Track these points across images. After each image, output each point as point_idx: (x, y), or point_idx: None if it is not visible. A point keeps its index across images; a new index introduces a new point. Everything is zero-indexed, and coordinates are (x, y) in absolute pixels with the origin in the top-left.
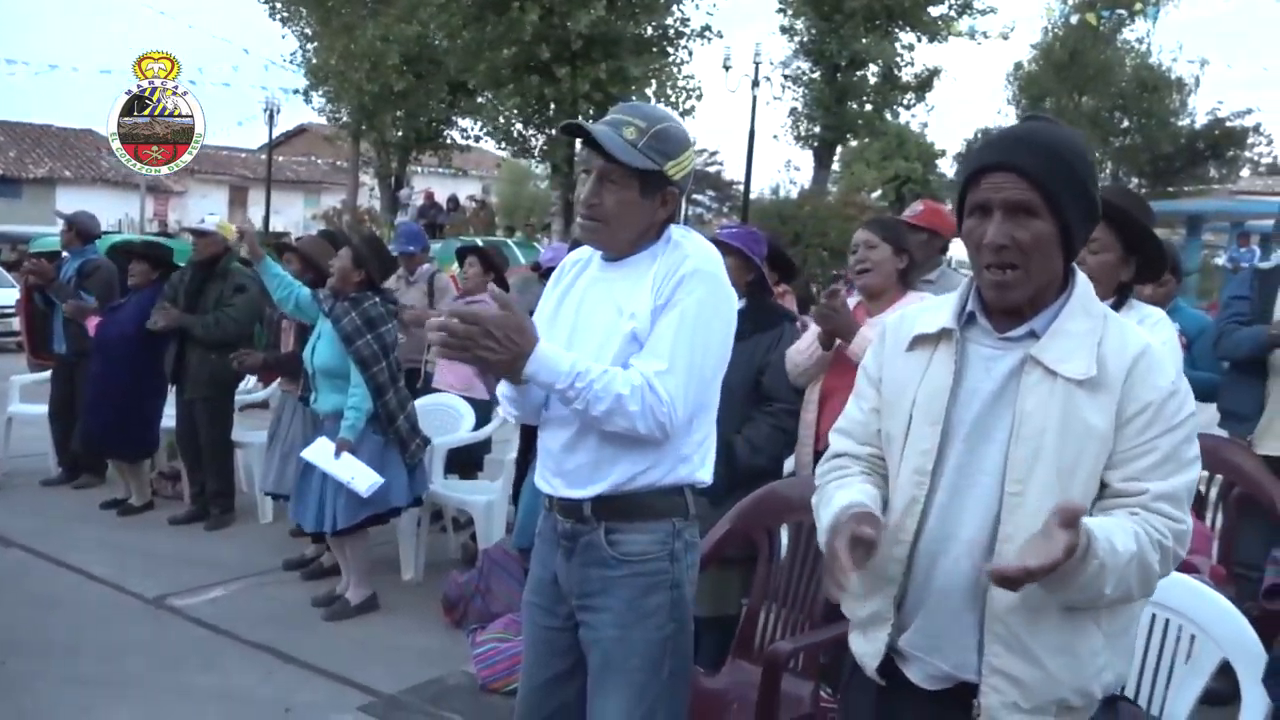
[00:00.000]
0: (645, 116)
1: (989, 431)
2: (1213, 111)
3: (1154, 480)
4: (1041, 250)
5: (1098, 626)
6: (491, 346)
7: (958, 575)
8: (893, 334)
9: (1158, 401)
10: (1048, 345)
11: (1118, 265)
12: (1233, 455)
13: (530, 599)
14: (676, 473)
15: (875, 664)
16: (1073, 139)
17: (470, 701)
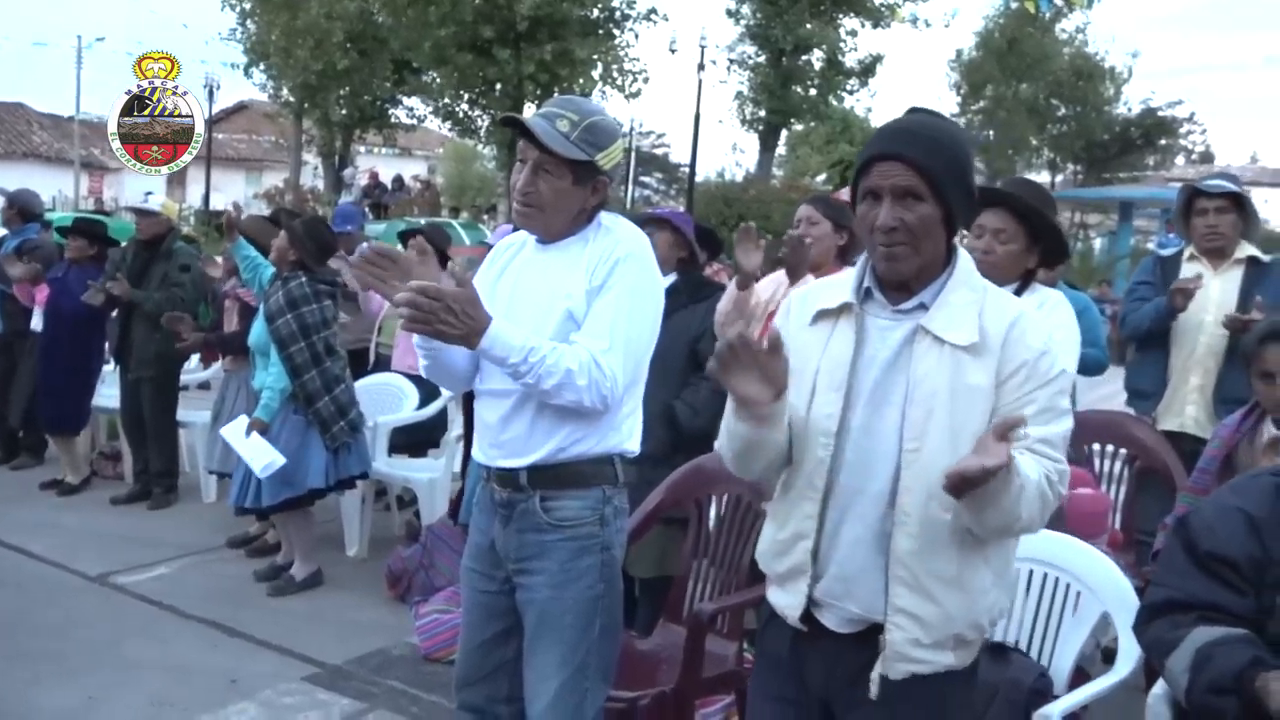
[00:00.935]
0: (578, 110)
1: (887, 395)
2: (1145, 101)
3: (1033, 428)
4: (927, 230)
5: (986, 565)
6: (451, 321)
7: (865, 526)
8: (797, 309)
9: (1031, 360)
10: (935, 316)
11: (1023, 254)
12: (1135, 430)
13: (468, 565)
14: (607, 442)
15: (797, 614)
16: (953, 131)
17: (413, 670)
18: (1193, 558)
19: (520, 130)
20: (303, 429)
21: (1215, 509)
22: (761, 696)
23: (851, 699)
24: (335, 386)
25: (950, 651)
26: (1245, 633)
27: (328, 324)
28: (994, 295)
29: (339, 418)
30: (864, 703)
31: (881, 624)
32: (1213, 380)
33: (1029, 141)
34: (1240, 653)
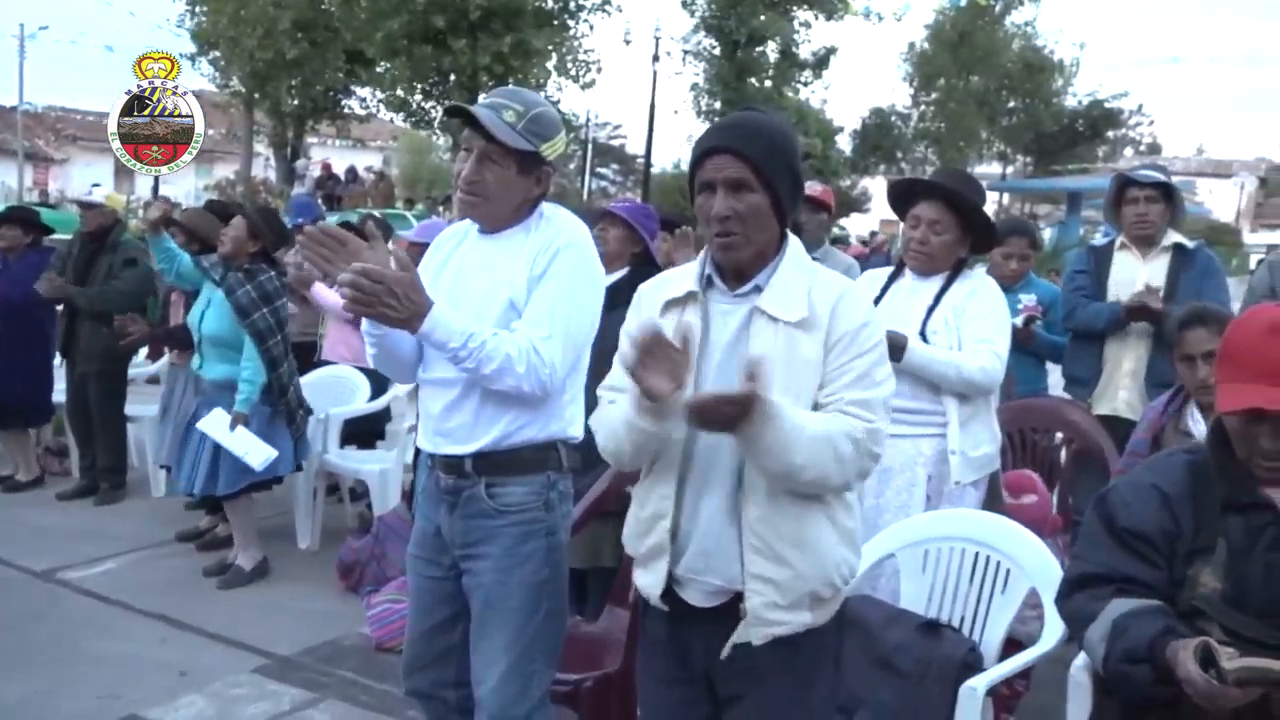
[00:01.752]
0: (523, 101)
1: (730, 374)
2: (1093, 93)
3: (848, 392)
4: (758, 218)
5: (831, 525)
6: (393, 304)
7: (718, 501)
8: (648, 299)
9: (853, 331)
10: (769, 297)
11: (956, 243)
12: (1071, 414)
13: (415, 552)
14: (550, 429)
15: (658, 592)
16: (780, 125)
17: (364, 660)
18: (1111, 533)
19: (467, 120)
20: (268, 418)
21: (1131, 487)
22: (648, 677)
23: (728, 672)
24: (294, 377)
25: (807, 611)
26: (1159, 604)
27: (289, 317)
28: (822, 275)
29: (299, 407)
30: (738, 674)
31: (741, 592)
32: (1144, 365)
33: (979, 133)
34: (1153, 623)
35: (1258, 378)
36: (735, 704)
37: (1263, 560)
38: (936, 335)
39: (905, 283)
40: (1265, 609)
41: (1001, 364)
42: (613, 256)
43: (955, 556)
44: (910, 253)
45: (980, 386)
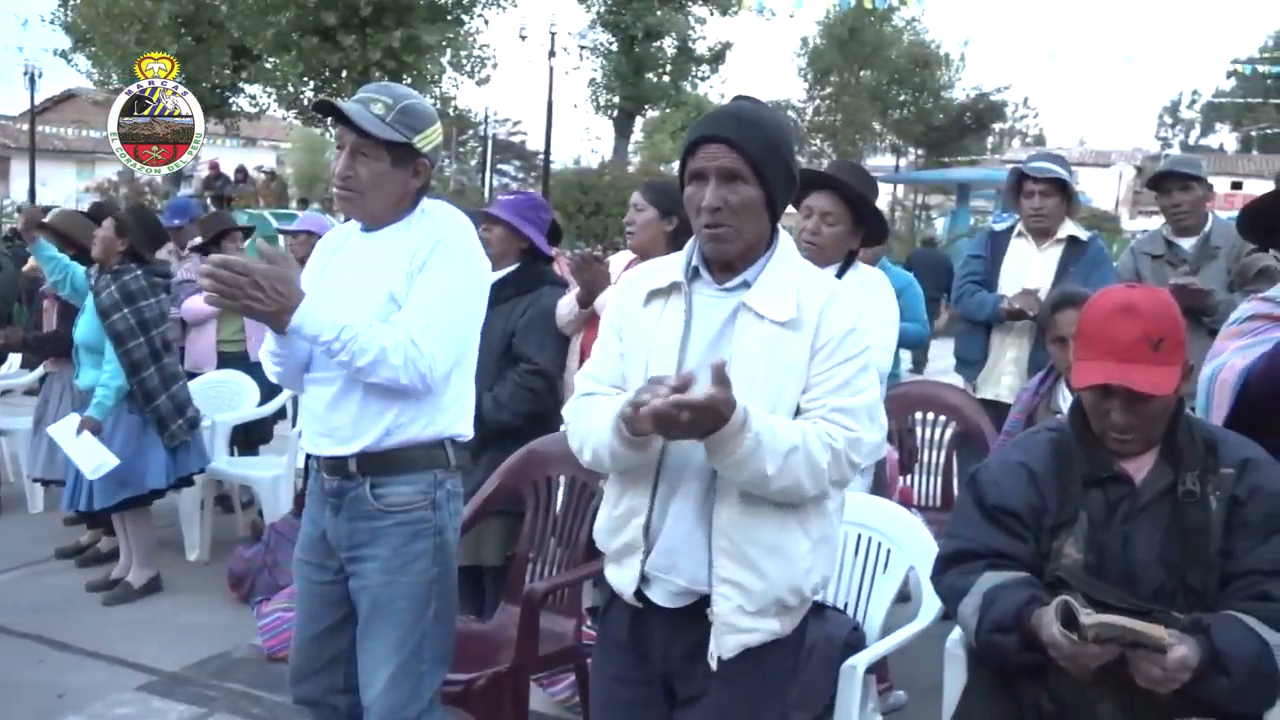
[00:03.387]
0: (392, 94)
1: None
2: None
3: (832, 399)
4: (750, 211)
5: (805, 533)
6: (259, 296)
7: (691, 500)
8: (630, 288)
9: (839, 336)
10: (757, 293)
11: (848, 235)
12: (951, 397)
13: (300, 556)
14: (436, 426)
15: (632, 589)
16: (775, 117)
17: (256, 672)
18: (981, 509)
19: (336, 115)
20: (139, 427)
21: (1000, 465)
22: (604, 676)
23: (689, 673)
24: (173, 383)
25: (774, 618)
26: (1026, 575)
27: (164, 318)
28: (813, 275)
29: (177, 415)
30: (700, 676)
31: (708, 595)
32: (1027, 353)
33: (873, 126)
34: (1020, 593)
35: (1107, 355)
36: (692, 705)
37: (1120, 531)
38: None
39: None
40: (1122, 576)
41: (889, 355)
42: (499, 255)
43: (840, 540)
44: (803, 243)
45: None
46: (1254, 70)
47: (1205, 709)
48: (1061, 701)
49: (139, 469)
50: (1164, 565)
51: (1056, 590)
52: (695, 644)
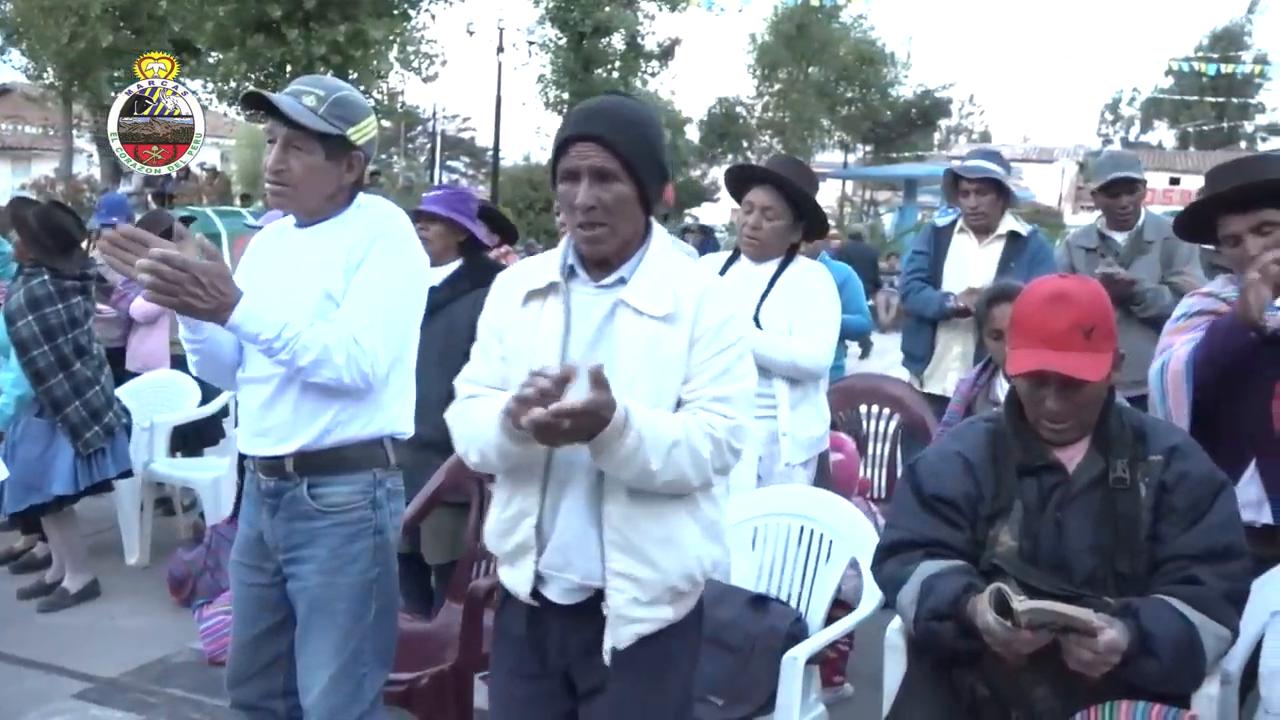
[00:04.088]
0: (324, 86)
1: None
2: (923, 84)
3: (711, 388)
4: (623, 209)
5: (694, 520)
6: (198, 294)
7: (581, 497)
8: (507, 289)
9: (715, 327)
10: (634, 289)
11: (789, 229)
12: (895, 390)
13: (237, 558)
14: (375, 424)
15: (527, 590)
16: (645, 112)
17: (196, 676)
18: (919, 499)
19: (266, 107)
20: (48, 432)
21: (938, 454)
22: (502, 672)
23: (587, 666)
24: (87, 390)
25: (668, 605)
26: (963, 564)
27: (77, 323)
28: (688, 268)
29: (91, 423)
30: (597, 668)
31: (602, 589)
32: (972, 349)
33: (821, 123)
34: (956, 581)
35: (1040, 343)
36: (594, 697)
37: (1053, 518)
38: (769, 320)
39: (740, 268)
40: (1055, 562)
41: (831, 349)
42: (440, 252)
43: (783, 531)
44: (744, 238)
45: (810, 372)
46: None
47: (1135, 691)
48: (996, 686)
49: (45, 475)
50: (1096, 551)
51: (992, 577)
52: (592, 637)
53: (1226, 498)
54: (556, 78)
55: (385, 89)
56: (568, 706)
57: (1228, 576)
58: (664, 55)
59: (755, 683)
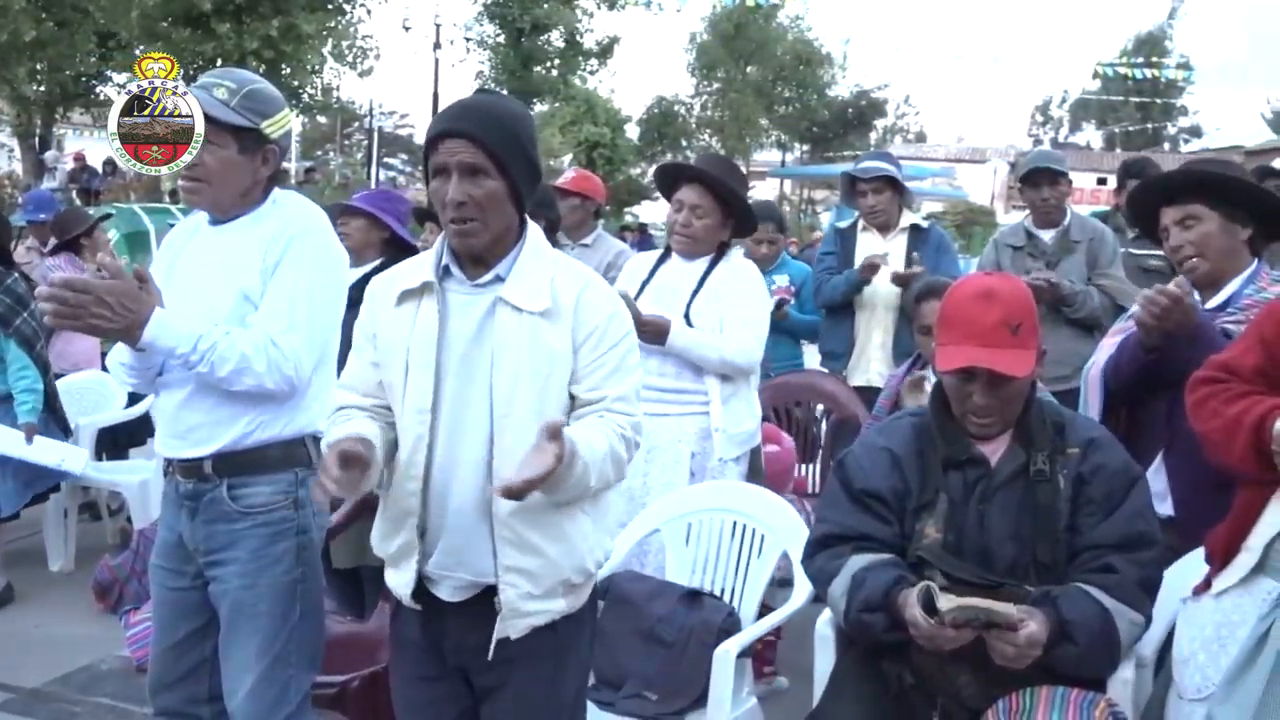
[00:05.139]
0: (235, 78)
1: (474, 367)
2: (859, 85)
3: (610, 386)
4: (495, 205)
5: (585, 514)
6: (104, 314)
7: (467, 496)
8: (381, 291)
9: (603, 323)
10: (511, 286)
11: (718, 226)
12: (828, 385)
13: (157, 563)
14: (296, 424)
15: (409, 592)
16: (515, 109)
17: (123, 684)
18: (848, 494)
19: None
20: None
21: (865, 449)
22: (402, 679)
23: (483, 664)
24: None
25: (561, 598)
26: (892, 557)
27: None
28: (564, 264)
29: None
30: (494, 665)
31: (494, 585)
32: (891, 338)
33: (758, 122)
34: (886, 574)
35: (968, 339)
36: (493, 694)
37: (977, 510)
38: (700, 317)
39: (671, 265)
40: (979, 553)
41: (760, 345)
42: (360, 248)
43: (716, 527)
44: (674, 236)
45: (741, 368)
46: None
47: (1054, 676)
48: (922, 675)
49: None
50: (1017, 541)
51: (919, 569)
52: (487, 634)
53: (1140, 489)
54: (495, 75)
55: (319, 84)
56: (469, 705)
57: (1141, 564)
58: (603, 53)
59: (689, 677)
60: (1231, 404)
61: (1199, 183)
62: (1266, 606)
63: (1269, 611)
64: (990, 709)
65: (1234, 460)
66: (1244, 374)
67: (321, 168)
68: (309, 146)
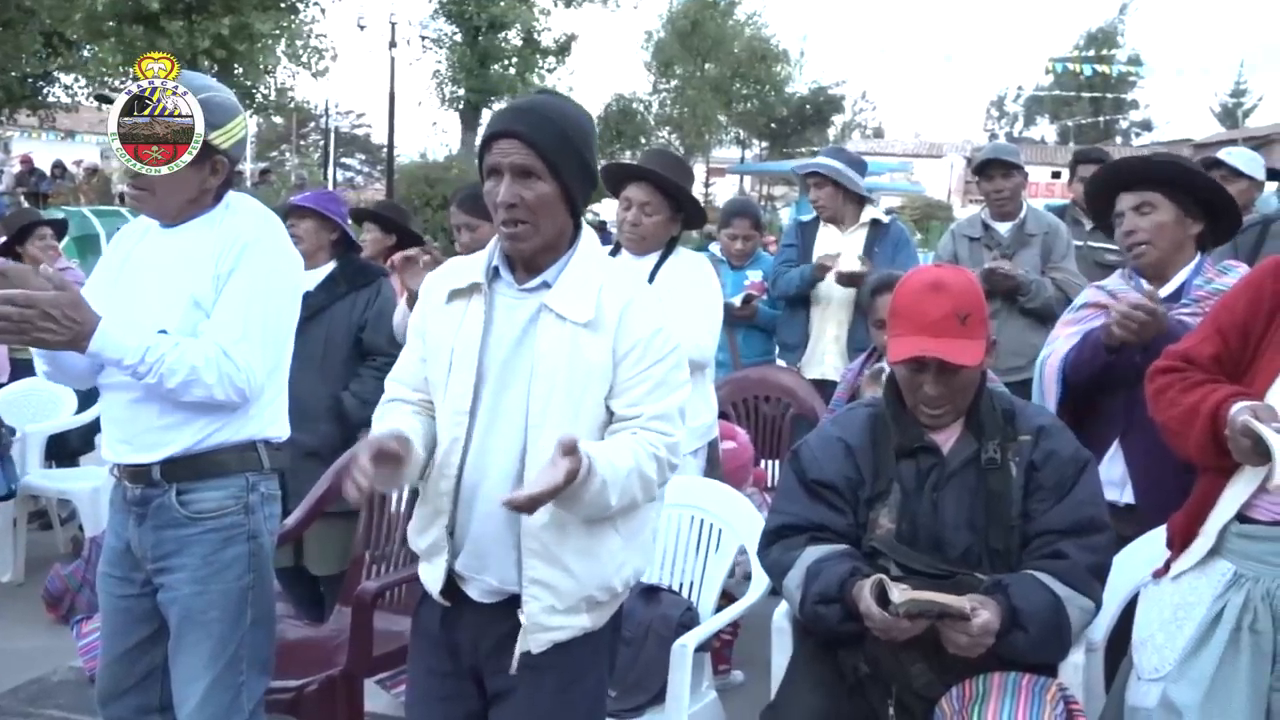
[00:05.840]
0: (189, 86)
1: (514, 373)
2: (816, 81)
3: (648, 404)
4: (546, 208)
5: (616, 532)
6: (50, 328)
7: (496, 502)
8: (434, 289)
9: (646, 338)
10: (557, 294)
11: (667, 223)
12: (784, 379)
13: (105, 570)
14: (247, 430)
15: (439, 588)
16: (571, 111)
17: (75, 695)
18: (803, 485)
19: None
20: None
21: (820, 440)
22: (418, 670)
23: (497, 666)
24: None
25: (585, 614)
26: (846, 548)
27: None
28: (615, 275)
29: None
30: (507, 670)
31: (517, 594)
32: (846, 331)
33: (717, 119)
34: (841, 565)
35: (919, 330)
36: (503, 699)
37: (930, 499)
38: None
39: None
40: (932, 542)
41: (713, 339)
42: (312, 250)
43: (675, 522)
44: (624, 233)
45: (694, 362)
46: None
47: (1006, 662)
48: (877, 664)
49: None
50: (970, 529)
51: (873, 560)
52: (503, 637)
53: (1090, 474)
54: (452, 74)
55: (274, 84)
56: (480, 706)
57: (1092, 549)
58: (561, 51)
59: (649, 673)
60: (1189, 392)
61: (1160, 172)
62: (1221, 587)
63: (1223, 592)
64: (944, 697)
65: (1191, 447)
66: (1202, 363)
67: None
68: (264, 147)
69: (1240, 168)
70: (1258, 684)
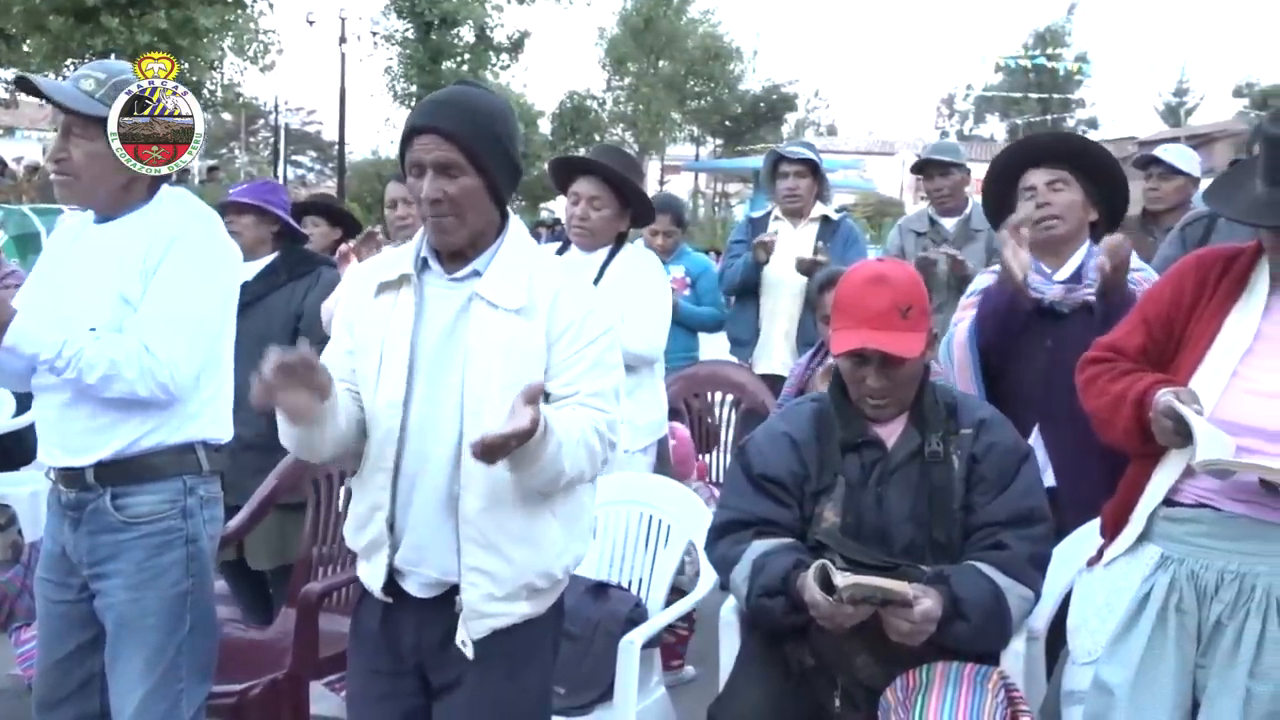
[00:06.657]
0: (106, 70)
1: (447, 362)
2: (770, 79)
3: (585, 382)
4: (471, 202)
5: (554, 517)
6: None
7: (434, 492)
8: (361, 281)
9: (579, 320)
10: (489, 282)
11: (616, 218)
12: (734, 375)
13: (41, 575)
14: (185, 431)
15: (380, 585)
16: (492, 102)
17: (13, 704)
18: (749, 479)
19: (36, 92)
20: None
21: (766, 435)
22: (358, 670)
23: (441, 661)
24: None
25: (525, 601)
26: (792, 541)
27: None
28: (544, 263)
29: None
30: (452, 663)
31: (458, 584)
32: (796, 326)
33: (671, 116)
34: (786, 558)
35: (860, 323)
36: (448, 693)
37: (874, 492)
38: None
39: (570, 257)
40: (877, 535)
41: (662, 334)
42: (253, 244)
43: (624, 518)
44: (573, 229)
45: (644, 358)
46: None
47: (949, 652)
48: (822, 656)
49: None
50: (914, 522)
51: (818, 553)
52: (446, 632)
53: (1030, 466)
54: (404, 70)
55: (220, 80)
56: (422, 703)
57: (1031, 540)
58: (514, 48)
59: (597, 669)
60: (1116, 381)
61: (1072, 145)
62: (1149, 569)
63: (1151, 574)
64: (889, 687)
65: (1119, 435)
66: (1129, 353)
67: (226, 166)
68: (212, 144)
69: (1177, 164)
70: (1184, 663)
